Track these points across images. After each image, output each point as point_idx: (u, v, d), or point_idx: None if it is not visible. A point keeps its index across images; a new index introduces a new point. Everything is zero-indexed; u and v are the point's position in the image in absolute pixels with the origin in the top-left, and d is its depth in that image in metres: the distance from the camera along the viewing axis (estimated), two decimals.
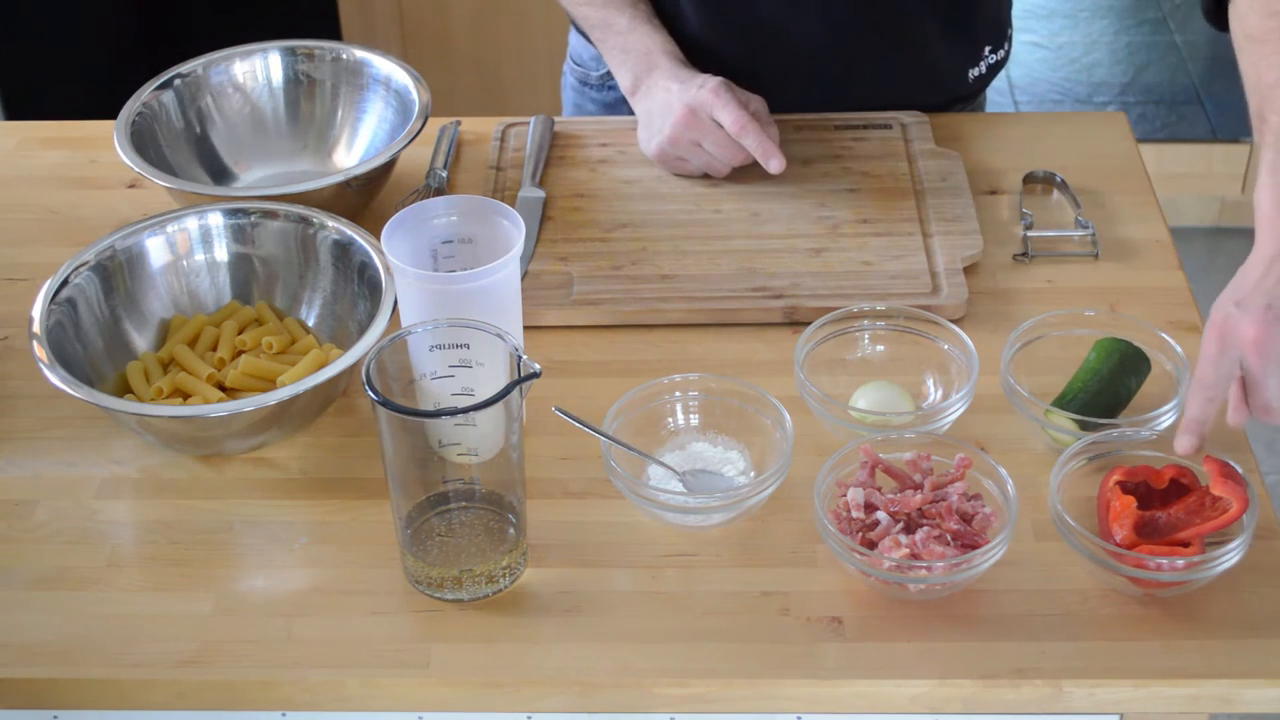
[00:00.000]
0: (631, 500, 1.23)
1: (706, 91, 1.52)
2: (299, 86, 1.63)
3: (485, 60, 3.06)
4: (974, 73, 1.71)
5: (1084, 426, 1.26)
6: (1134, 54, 3.67)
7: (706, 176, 1.58)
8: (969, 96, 1.74)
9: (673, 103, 1.54)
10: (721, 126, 1.52)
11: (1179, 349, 1.31)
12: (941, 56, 1.68)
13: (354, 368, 1.28)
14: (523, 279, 1.37)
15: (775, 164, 1.52)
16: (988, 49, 1.71)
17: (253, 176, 1.62)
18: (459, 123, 1.67)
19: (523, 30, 3.01)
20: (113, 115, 1.55)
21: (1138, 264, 1.48)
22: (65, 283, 1.35)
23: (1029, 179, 1.58)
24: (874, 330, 1.37)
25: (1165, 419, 1.26)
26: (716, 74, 1.55)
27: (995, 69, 1.73)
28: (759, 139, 1.52)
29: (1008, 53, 1.75)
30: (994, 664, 1.13)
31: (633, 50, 1.60)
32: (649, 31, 1.60)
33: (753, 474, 1.27)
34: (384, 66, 1.61)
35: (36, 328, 1.30)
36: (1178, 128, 3.41)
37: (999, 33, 1.72)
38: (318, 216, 1.41)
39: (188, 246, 1.42)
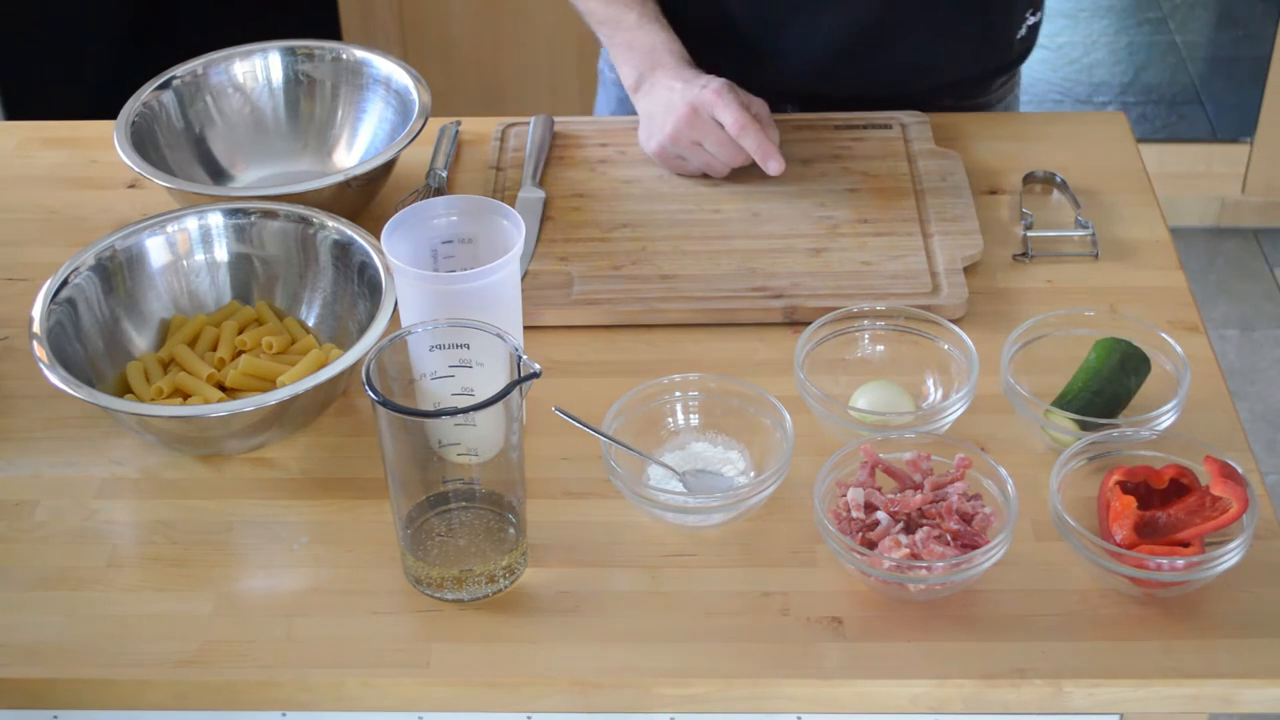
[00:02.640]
0: (631, 500, 1.23)
1: (709, 91, 1.53)
2: (299, 86, 1.63)
3: (485, 60, 3.06)
4: (1018, 34, 1.72)
5: (1084, 426, 1.26)
6: (1134, 54, 3.68)
7: (706, 176, 1.58)
8: (1013, 63, 1.75)
9: (675, 101, 1.54)
10: (722, 126, 1.53)
11: (1179, 349, 1.31)
12: (990, 18, 1.69)
13: (354, 368, 1.28)
14: (523, 279, 1.37)
15: (774, 165, 1.52)
16: (1028, 12, 1.72)
17: (252, 176, 1.62)
18: (459, 123, 1.67)
19: (523, 30, 3.01)
20: (113, 115, 1.55)
21: (1137, 264, 1.48)
22: (65, 283, 1.35)
23: (1029, 179, 1.58)
24: (874, 330, 1.37)
25: (1165, 419, 1.26)
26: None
27: (1034, 31, 1.75)
28: (759, 140, 1.52)
29: (1042, 16, 1.76)
30: (994, 664, 1.13)
31: (638, 47, 1.60)
32: (656, 30, 1.61)
33: (753, 474, 1.27)
34: (384, 66, 1.61)
35: (36, 328, 1.30)
36: (1177, 128, 3.41)
37: None
38: (318, 216, 1.41)
39: (188, 246, 1.42)
